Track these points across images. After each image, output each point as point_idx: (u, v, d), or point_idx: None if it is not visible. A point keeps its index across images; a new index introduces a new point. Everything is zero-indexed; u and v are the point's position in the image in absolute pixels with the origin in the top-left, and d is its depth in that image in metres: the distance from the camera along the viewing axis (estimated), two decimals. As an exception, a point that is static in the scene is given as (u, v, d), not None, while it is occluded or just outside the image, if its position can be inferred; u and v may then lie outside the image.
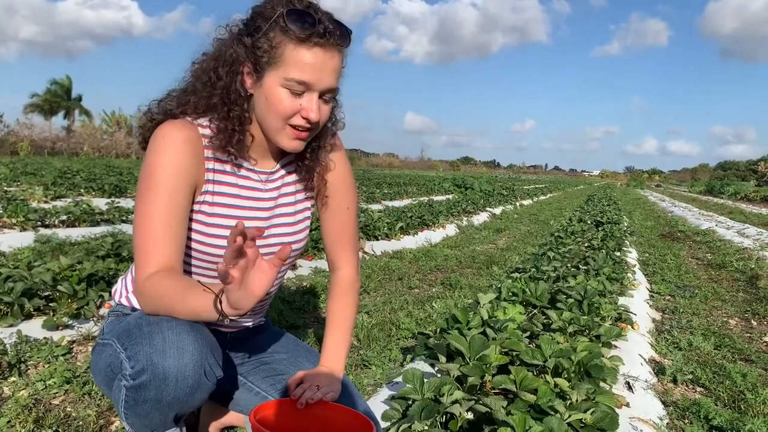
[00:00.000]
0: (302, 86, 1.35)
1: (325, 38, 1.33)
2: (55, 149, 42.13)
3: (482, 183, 20.96)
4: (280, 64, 1.34)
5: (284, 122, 1.40)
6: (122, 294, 1.66)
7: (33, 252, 4.57)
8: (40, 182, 10.24)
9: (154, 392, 1.32)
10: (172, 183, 1.39)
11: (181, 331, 1.33)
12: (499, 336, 2.44)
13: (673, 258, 7.06)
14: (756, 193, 29.32)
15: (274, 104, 1.37)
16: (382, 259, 5.87)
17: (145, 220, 1.38)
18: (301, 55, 1.33)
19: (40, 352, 2.61)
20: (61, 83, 54.95)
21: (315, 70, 1.34)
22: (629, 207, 17.97)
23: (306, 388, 1.54)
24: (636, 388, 2.56)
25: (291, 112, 1.38)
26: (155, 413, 1.38)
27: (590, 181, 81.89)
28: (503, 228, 9.68)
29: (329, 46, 1.35)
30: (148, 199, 1.38)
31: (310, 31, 1.32)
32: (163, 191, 1.38)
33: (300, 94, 1.37)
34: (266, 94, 1.38)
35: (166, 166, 1.39)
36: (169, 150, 1.40)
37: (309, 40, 1.32)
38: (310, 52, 1.33)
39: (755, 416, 2.42)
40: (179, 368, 1.31)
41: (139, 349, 1.32)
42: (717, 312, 4.46)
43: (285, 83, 1.35)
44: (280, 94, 1.36)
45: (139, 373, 1.31)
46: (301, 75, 1.34)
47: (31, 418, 2.04)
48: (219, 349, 1.46)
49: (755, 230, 10.63)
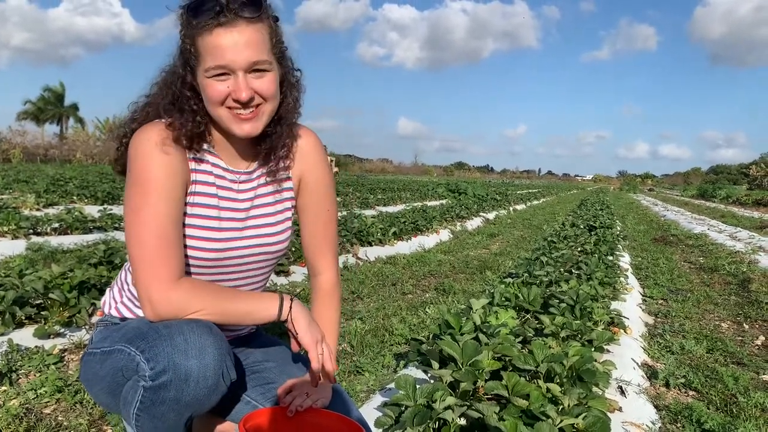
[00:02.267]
0: (222, 70, 1.36)
1: (222, 17, 1.33)
2: (47, 156, 41.94)
3: (476, 188, 21.01)
4: (200, 59, 1.38)
5: (223, 108, 1.41)
6: (111, 305, 1.64)
7: (25, 260, 4.55)
8: (32, 190, 10.19)
9: (174, 392, 1.32)
10: (169, 183, 1.39)
11: (202, 333, 1.34)
12: (491, 341, 2.44)
13: (666, 262, 7.09)
14: (748, 197, 29.48)
15: (208, 95, 1.40)
16: (376, 264, 5.87)
17: (153, 225, 1.36)
18: (207, 43, 1.35)
19: (32, 361, 2.59)
20: (54, 90, 54.82)
21: (226, 51, 1.34)
22: (622, 211, 18.04)
23: (296, 395, 1.54)
24: (628, 392, 2.57)
25: (222, 96, 1.39)
26: (171, 415, 1.37)
27: (583, 185, 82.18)
28: (497, 233, 9.70)
29: (231, 23, 1.34)
30: (148, 203, 1.37)
31: (207, 17, 1.33)
32: (162, 193, 1.38)
33: (223, 79, 1.38)
34: (202, 90, 1.41)
35: (159, 166, 1.38)
36: (156, 151, 1.39)
37: (208, 26, 1.34)
38: (213, 36, 1.34)
39: (747, 419, 2.43)
40: (201, 368, 1.32)
41: (159, 350, 1.32)
42: (709, 315, 4.48)
43: (209, 74, 1.37)
44: (211, 85, 1.38)
45: (159, 373, 1.31)
46: (214, 60, 1.35)
47: (22, 427, 2.03)
48: (232, 352, 1.47)
49: (747, 234, 10.69)
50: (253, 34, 1.37)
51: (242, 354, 1.80)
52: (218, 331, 1.41)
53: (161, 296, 1.36)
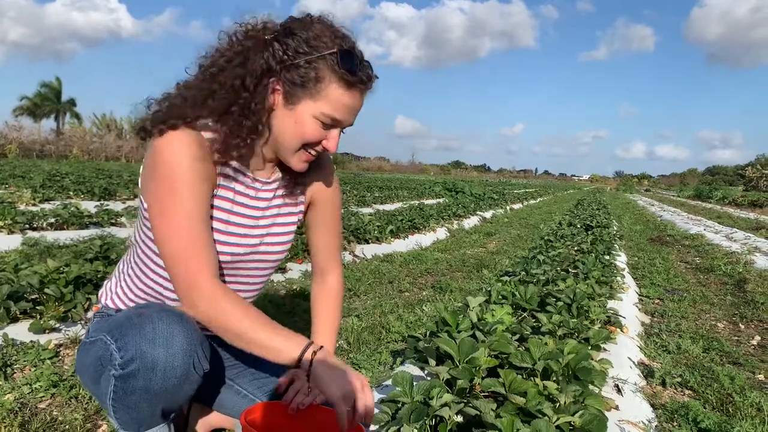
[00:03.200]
0: (333, 122, 1.41)
1: (364, 84, 1.41)
2: (44, 152, 41.88)
3: (473, 187, 21.01)
4: (319, 97, 1.37)
5: (303, 146, 1.44)
6: (107, 296, 1.65)
7: (20, 255, 4.53)
8: (28, 185, 10.16)
9: (143, 381, 1.33)
10: (198, 187, 1.38)
11: (172, 321, 1.35)
12: (488, 339, 2.44)
13: (662, 262, 7.10)
14: (744, 198, 29.55)
15: (302, 131, 1.41)
16: (373, 262, 5.87)
17: (185, 224, 1.35)
18: (343, 97, 1.38)
19: (27, 356, 2.58)
20: (50, 85, 54.68)
21: (349, 110, 1.42)
22: (619, 211, 18.06)
23: (298, 389, 1.55)
24: (625, 390, 2.57)
25: (315, 140, 1.43)
26: (143, 404, 1.38)
27: (580, 185, 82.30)
28: (493, 232, 9.70)
29: (364, 91, 1.43)
30: (178, 203, 1.35)
31: (357, 77, 1.38)
32: (192, 195, 1.37)
33: (328, 127, 1.42)
34: (296, 119, 1.40)
35: (189, 169, 1.36)
36: (187, 154, 1.36)
37: (354, 85, 1.38)
38: (351, 95, 1.39)
39: (743, 419, 2.43)
40: (168, 357, 1.32)
41: (129, 339, 1.33)
42: (705, 315, 4.49)
43: (319, 116, 1.39)
44: (312, 124, 1.40)
45: (128, 362, 1.32)
46: (337, 113, 1.39)
47: (17, 422, 2.02)
48: (207, 342, 1.47)
49: (743, 234, 10.71)
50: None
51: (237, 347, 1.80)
52: (190, 320, 1.40)
53: (205, 291, 1.35)
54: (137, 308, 1.43)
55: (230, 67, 1.39)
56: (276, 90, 1.39)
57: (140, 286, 1.58)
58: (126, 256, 1.67)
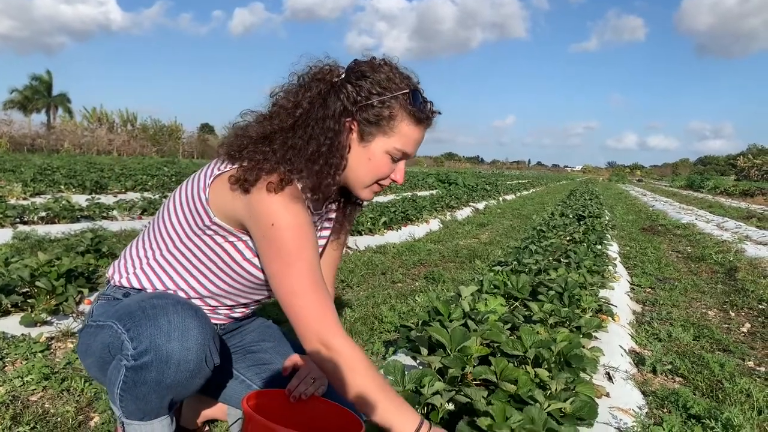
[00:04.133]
0: (403, 155, 1.52)
1: (430, 120, 1.54)
2: (34, 146, 41.61)
3: (466, 178, 21.03)
4: (392, 134, 1.47)
5: (376, 180, 1.53)
6: (122, 274, 1.61)
7: (11, 249, 4.52)
8: (18, 179, 10.10)
9: (155, 374, 1.35)
10: (313, 238, 1.45)
11: (187, 315, 1.37)
12: (480, 328, 2.45)
13: (654, 251, 7.13)
14: (735, 188, 29.71)
15: (376, 166, 1.50)
16: (366, 253, 5.87)
17: (315, 282, 1.39)
18: (414, 133, 1.50)
19: (18, 349, 2.58)
20: (41, 78, 54.25)
21: (416, 144, 1.53)
22: (611, 201, 18.13)
23: (302, 379, 1.59)
24: (616, 378, 2.59)
25: (387, 174, 1.53)
26: (153, 396, 1.40)
27: (573, 176, 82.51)
28: (486, 222, 9.72)
29: (428, 126, 1.54)
30: (303, 258, 1.39)
31: (425, 114, 1.50)
32: (311, 246, 1.42)
33: (396, 161, 1.53)
34: (370, 155, 1.49)
35: (307, 224, 1.42)
36: (300, 211, 1.41)
37: (422, 121, 1.50)
38: (419, 131, 1.51)
39: (732, 404, 2.45)
40: (182, 351, 1.34)
41: (142, 330, 1.35)
42: (696, 303, 4.52)
43: (391, 151, 1.49)
44: (384, 159, 1.50)
45: (141, 353, 1.34)
46: (407, 148, 1.50)
47: (8, 414, 2.01)
48: (218, 337, 1.50)
49: (734, 223, 10.78)
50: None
51: (238, 334, 1.83)
52: (204, 314, 1.44)
53: (340, 350, 1.37)
54: (151, 298, 1.43)
55: (314, 109, 1.45)
56: (351, 129, 1.47)
57: (178, 282, 1.58)
58: (141, 236, 1.65)
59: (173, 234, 1.54)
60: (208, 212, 1.46)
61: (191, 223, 1.50)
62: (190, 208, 1.50)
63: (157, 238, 1.58)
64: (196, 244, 1.52)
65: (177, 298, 1.48)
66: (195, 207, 1.49)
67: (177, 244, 1.54)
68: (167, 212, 1.57)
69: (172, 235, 1.54)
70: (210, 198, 1.46)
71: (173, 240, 1.54)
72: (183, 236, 1.52)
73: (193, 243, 1.52)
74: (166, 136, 58.60)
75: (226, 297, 1.62)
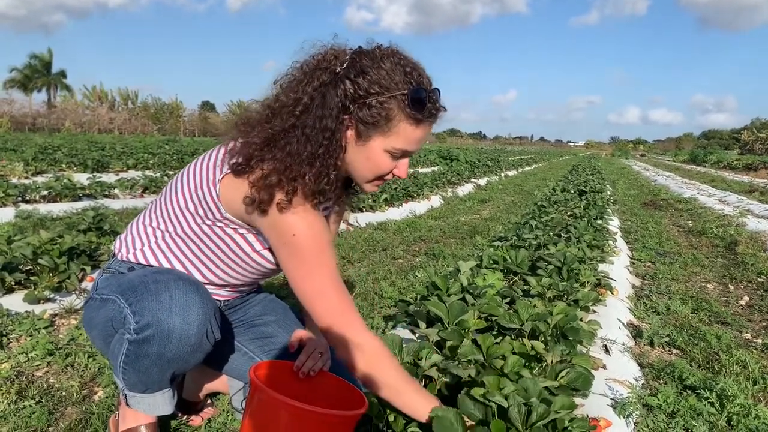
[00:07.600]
0: (404, 153, 1.48)
1: (432, 118, 1.46)
2: (35, 125, 41.54)
3: (468, 154, 20.96)
4: (390, 133, 1.42)
5: (376, 177, 1.51)
6: (130, 250, 1.62)
7: (13, 227, 4.54)
8: (20, 158, 10.10)
9: (157, 347, 1.38)
10: (329, 242, 1.47)
11: (189, 291, 1.39)
12: (478, 302, 2.47)
13: (655, 226, 7.14)
14: (738, 161, 29.59)
15: (375, 164, 1.46)
16: (366, 230, 5.89)
17: (336, 283, 1.43)
18: (413, 133, 1.44)
19: (22, 326, 2.61)
20: (41, 57, 53.95)
21: (418, 142, 1.47)
22: (613, 176, 18.09)
23: (310, 353, 1.62)
24: (613, 350, 2.61)
25: (387, 171, 1.49)
26: (154, 369, 1.43)
27: (575, 151, 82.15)
28: (488, 199, 9.72)
29: (431, 122, 1.47)
30: (324, 263, 1.42)
31: (426, 114, 1.43)
32: (330, 252, 1.44)
33: (397, 158, 1.48)
34: (368, 153, 1.45)
35: (325, 232, 1.45)
36: (316, 219, 1.44)
37: (422, 122, 1.44)
38: (420, 130, 1.45)
39: (728, 375, 2.48)
40: (184, 326, 1.37)
41: (145, 304, 1.37)
42: (696, 277, 4.54)
43: (391, 150, 1.44)
44: (383, 157, 1.45)
45: (143, 327, 1.37)
46: (408, 147, 1.45)
47: (14, 389, 2.05)
48: (219, 312, 1.52)
49: (736, 197, 10.77)
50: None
51: (242, 308, 1.85)
52: (205, 290, 1.46)
53: (368, 351, 1.42)
54: (153, 273, 1.46)
55: (313, 105, 1.41)
56: (349, 127, 1.43)
57: (187, 265, 1.59)
58: (146, 213, 1.66)
59: (182, 219, 1.54)
60: (219, 207, 1.46)
61: (201, 213, 1.50)
62: (200, 198, 1.49)
63: (165, 218, 1.58)
64: (206, 233, 1.52)
65: (179, 273, 1.50)
66: (205, 198, 1.48)
67: (185, 229, 1.54)
68: (175, 194, 1.55)
69: (181, 219, 1.54)
70: (221, 194, 1.44)
71: (182, 224, 1.54)
72: (192, 223, 1.52)
73: (202, 231, 1.52)
74: (167, 115, 58.43)
75: (235, 279, 1.64)
